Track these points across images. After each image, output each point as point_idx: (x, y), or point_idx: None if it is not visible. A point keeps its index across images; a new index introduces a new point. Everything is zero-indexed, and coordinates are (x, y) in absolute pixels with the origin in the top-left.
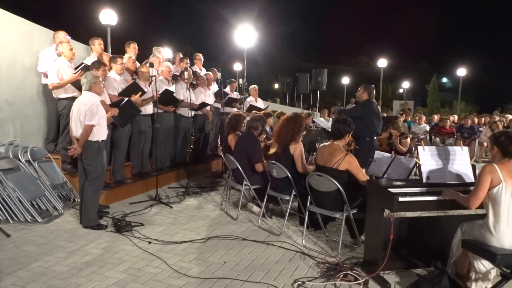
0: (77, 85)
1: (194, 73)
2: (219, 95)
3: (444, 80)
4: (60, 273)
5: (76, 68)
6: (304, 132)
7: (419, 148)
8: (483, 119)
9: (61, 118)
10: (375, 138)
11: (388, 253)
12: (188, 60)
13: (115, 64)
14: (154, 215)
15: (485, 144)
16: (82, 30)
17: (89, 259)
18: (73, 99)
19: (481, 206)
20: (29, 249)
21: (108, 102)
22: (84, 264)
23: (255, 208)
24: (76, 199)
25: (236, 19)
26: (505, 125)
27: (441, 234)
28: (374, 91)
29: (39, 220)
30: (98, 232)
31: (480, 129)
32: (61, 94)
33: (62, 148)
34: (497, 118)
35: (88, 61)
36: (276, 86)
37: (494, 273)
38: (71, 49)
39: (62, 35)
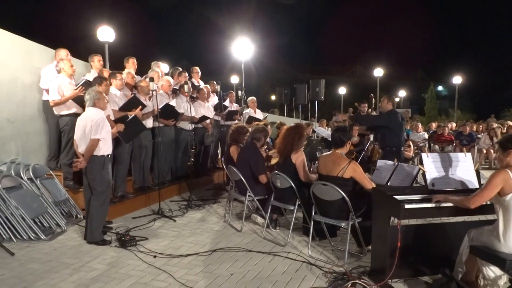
0: (78, 101)
1: (194, 86)
2: (218, 108)
3: (440, 88)
4: None
5: (77, 85)
6: (305, 142)
7: (423, 155)
8: (480, 126)
9: (63, 134)
10: (402, 148)
11: (396, 261)
12: (187, 74)
13: (114, 79)
14: (157, 229)
15: (484, 151)
16: (80, 47)
17: (94, 275)
18: (74, 115)
19: (486, 212)
20: (34, 267)
21: (112, 117)
22: (90, 281)
23: (259, 219)
24: (78, 215)
25: (232, 32)
26: (503, 131)
27: (447, 241)
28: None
29: (42, 237)
30: (102, 248)
31: (479, 136)
32: (62, 110)
33: (64, 164)
34: (495, 124)
35: (89, 77)
36: (273, 97)
37: (503, 279)
38: (72, 66)
39: (64, 53)
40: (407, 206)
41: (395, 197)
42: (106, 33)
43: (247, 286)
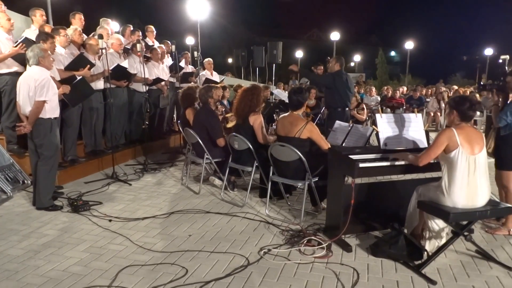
0: (19, 59)
1: (147, 46)
2: (174, 69)
3: (392, 53)
4: (15, 256)
5: (16, 41)
6: (263, 104)
7: (377, 116)
8: (429, 90)
9: (3, 95)
10: (347, 109)
11: (349, 217)
12: (140, 32)
13: (58, 36)
14: (112, 193)
15: (432, 114)
16: (19, 1)
17: (46, 240)
18: (16, 74)
19: (434, 169)
20: None
21: (58, 78)
22: (41, 246)
23: (217, 182)
24: (26, 181)
25: None
26: (450, 95)
27: (397, 197)
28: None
29: None
30: (53, 213)
31: (427, 100)
32: (1, 69)
33: (6, 128)
34: (443, 89)
35: (29, 33)
36: (230, 60)
37: (446, 231)
38: (9, 19)
39: None
40: (361, 165)
41: (350, 156)
42: None
43: (206, 246)
